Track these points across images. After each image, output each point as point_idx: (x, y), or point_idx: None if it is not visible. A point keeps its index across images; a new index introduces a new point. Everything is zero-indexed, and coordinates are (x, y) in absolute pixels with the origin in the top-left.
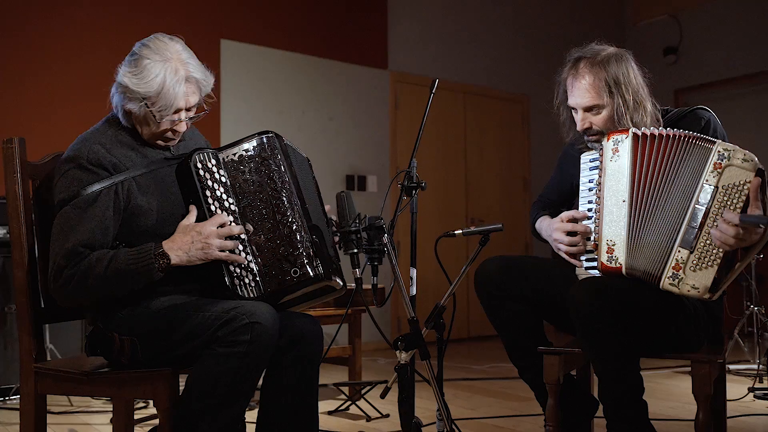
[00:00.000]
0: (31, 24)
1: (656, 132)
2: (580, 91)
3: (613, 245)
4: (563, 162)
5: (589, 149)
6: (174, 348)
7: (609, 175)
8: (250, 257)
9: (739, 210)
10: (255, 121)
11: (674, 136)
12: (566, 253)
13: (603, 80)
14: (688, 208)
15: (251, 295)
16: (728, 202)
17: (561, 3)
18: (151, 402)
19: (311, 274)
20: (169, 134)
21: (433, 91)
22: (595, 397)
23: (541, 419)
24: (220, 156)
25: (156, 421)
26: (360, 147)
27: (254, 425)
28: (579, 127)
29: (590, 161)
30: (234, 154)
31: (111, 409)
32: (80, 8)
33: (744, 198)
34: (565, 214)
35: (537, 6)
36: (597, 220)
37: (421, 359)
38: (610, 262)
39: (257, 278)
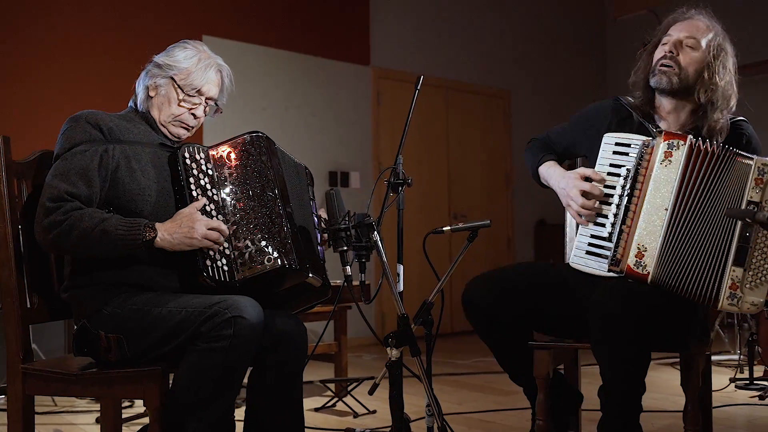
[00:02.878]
0: (17, 24)
1: (709, 147)
2: (692, 24)
3: (644, 251)
4: (583, 123)
5: (616, 128)
6: (160, 345)
7: (655, 178)
8: (226, 243)
9: None
10: (237, 117)
11: (715, 151)
12: (576, 213)
13: (713, 38)
14: (736, 226)
15: (223, 279)
16: None
17: None
18: (135, 401)
19: (285, 263)
20: (186, 117)
21: (418, 88)
22: (579, 390)
23: (527, 413)
24: (210, 151)
25: (144, 420)
26: (343, 143)
27: (242, 423)
28: (663, 52)
29: (616, 144)
30: (223, 151)
31: (96, 409)
32: (65, 7)
33: None
34: (582, 171)
35: (518, 2)
36: (627, 217)
37: (411, 356)
38: (638, 267)
39: (231, 263)
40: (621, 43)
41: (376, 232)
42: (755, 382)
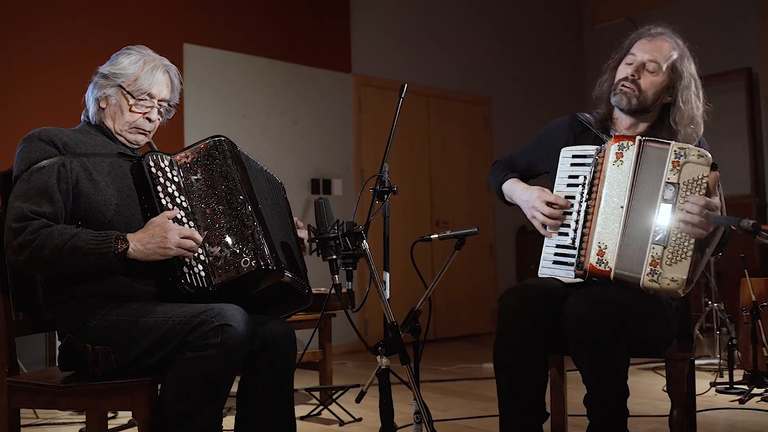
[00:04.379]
0: None
1: (653, 143)
2: (653, 46)
3: (605, 248)
4: (542, 141)
5: (575, 143)
6: (147, 355)
7: (609, 179)
8: (200, 249)
9: None
10: (219, 125)
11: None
12: (542, 223)
13: (675, 60)
14: (657, 207)
15: (201, 285)
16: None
17: (521, 6)
18: (118, 412)
19: (261, 264)
20: (142, 122)
21: (402, 96)
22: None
23: None
24: (174, 158)
25: (130, 431)
26: (324, 151)
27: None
28: (625, 72)
29: (572, 157)
30: (186, 157)
31: (78, 420)
32: (45, 19)
33: (704, 191)
34: (546, 196)
35: (497, 9)
36: (587, 221)
37: (401, 364)
38: (600, 265)
39: (208, 269)
40: (599, 50)
41: (365, 241)
42: (735, 386)
